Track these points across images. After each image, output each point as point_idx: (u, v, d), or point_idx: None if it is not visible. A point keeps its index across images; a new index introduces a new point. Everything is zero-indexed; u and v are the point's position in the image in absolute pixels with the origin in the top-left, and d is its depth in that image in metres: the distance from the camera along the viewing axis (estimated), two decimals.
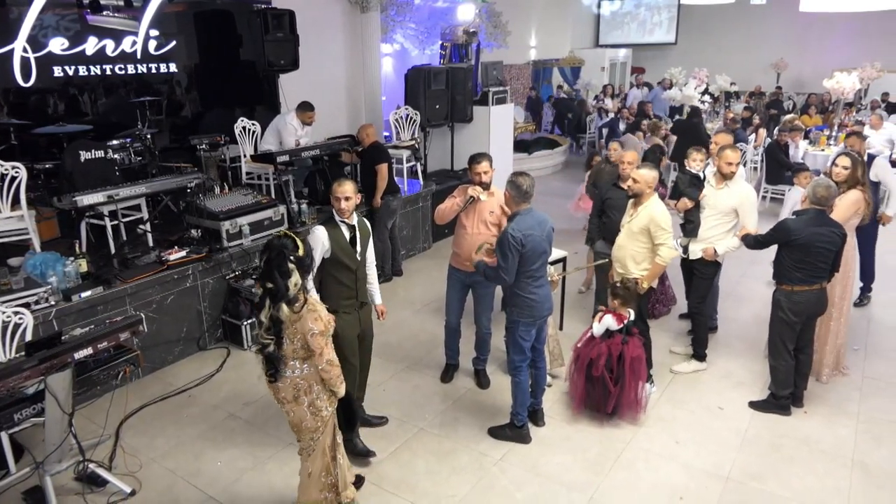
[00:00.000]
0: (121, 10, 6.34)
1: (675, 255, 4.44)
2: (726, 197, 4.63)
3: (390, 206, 6.48)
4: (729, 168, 4.61)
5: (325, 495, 3.23)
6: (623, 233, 4.50)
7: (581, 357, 4.23)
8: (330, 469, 3.21)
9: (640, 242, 4.37)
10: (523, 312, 3.84)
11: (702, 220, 4.76)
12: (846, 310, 4.71)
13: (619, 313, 4.15)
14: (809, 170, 6.55)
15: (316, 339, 2.91)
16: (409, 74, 8.17)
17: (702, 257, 4.73)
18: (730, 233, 4.69)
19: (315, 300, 3.02)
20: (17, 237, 4.92)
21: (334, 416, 3.18)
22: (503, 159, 8.88)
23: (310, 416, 3.07)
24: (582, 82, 15.35)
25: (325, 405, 3.09)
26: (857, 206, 4.50)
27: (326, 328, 2.95)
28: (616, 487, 3.68)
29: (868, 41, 15.07)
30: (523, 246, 3.64)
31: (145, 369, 4.87)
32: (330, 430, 3.18)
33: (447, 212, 4.43)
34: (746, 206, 4.59)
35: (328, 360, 2.97)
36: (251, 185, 6.55)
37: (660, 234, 4.24)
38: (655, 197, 4.36)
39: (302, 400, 3.05)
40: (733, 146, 4.88)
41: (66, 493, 3.62)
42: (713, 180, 4.77)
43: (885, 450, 3.98)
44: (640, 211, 4.35)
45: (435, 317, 5.82)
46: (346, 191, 3.65)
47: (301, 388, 3.03)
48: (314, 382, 3.03)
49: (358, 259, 3.78)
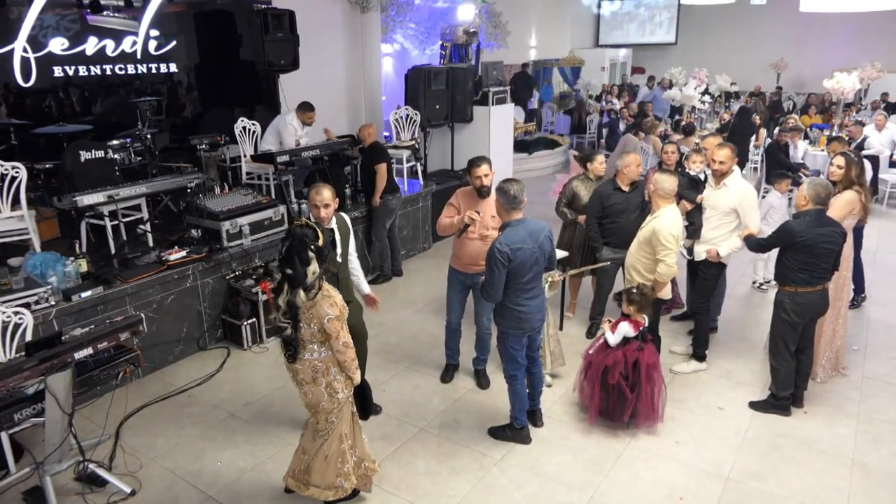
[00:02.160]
0: (121, 10, 6.34)
1: (674, 274, 4.33)
2: (725, 197, 4.62)
3: (389, 205, 6.48)
4: (720, 166, 4.61)
5: (339, 482, 3.27)
6: (634, 240, 4.49)
7: (595, 365, 4.13)
8: (346, 457, 3.27)
9: (645, 253, 4.34)
10: (512, 324, 3.77)
11: (704, 222, 4.75)
12: (843, 310, 4.71)
13: (634, 319, 4.08)
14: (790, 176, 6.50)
15: (332, 323, 3.01)
16: (409, 74, 8.18)
17: (706, 258, 4.72)
18: (733, 233, 4.67)
19: (329, 286, 3.10)
20: (17, 237, 4.92)
21: (351, 402, 3.28)
22: (503, 159, 8.90)
23: (327, 397, 3.17)
24: (582, 82, 15.35)
25: (342, 387, 3.19)
26: (852, 207, 4.50)
27: (342, 313, 3.06)
28: (616, 487, 3.68)
29: (868, 41, 15.08)
30: (510, 260, 3.55)
31: (145, 369, 4.87)
32: (347, 416, 3.27)
33: (448, 229, 4.48)
34: (745, 206, 4.57)
35: (344, 342, 3.07)
36: (251, 185, 6.55)
37: (660, 249, 4.18)
38: (669, 209, 4.25)
39: (320, 381, 3.15)
40: (725, 144, 4.85)
41: (66, 493, 3.61)
42: (712, 181, 4.77)
43: (885, 450, 3.98)
44: (648, 221, 4.31)
45: (435, 317, 5.82)
46: (325, 198, 3.65)
47: (319, 370, 3.13)
48: (331, 364, 3.14)
49: (339, 261, 3.83)
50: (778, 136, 9.21)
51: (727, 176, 4.65)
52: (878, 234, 8.08)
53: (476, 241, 4.34)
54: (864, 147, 8.87)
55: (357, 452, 3.36)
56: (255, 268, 5.52)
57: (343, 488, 3.30)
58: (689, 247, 4.90)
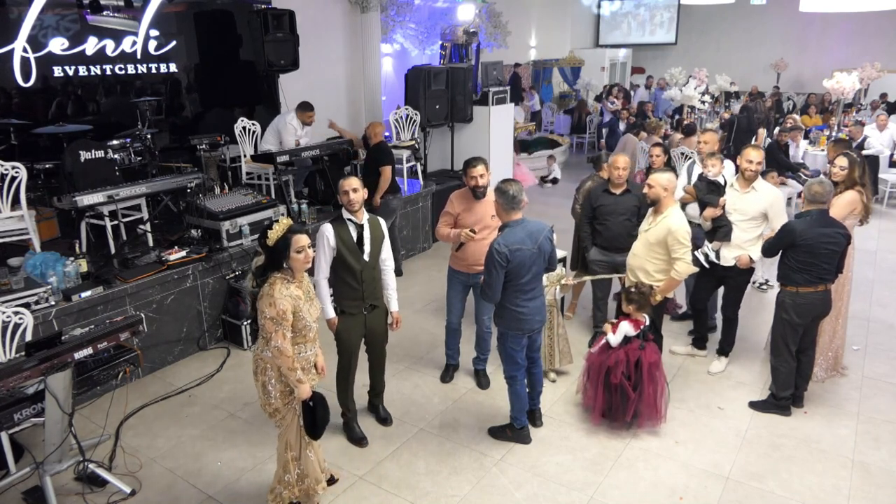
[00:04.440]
0: (121, 10, 6.34)
1: (692, 272, 4.24)
2: (755, 201, 4.50)
3: (390, 205, 6.48)
4: (755, 167, 4.47)
5: (279, 489, 3.29)
6: (639, 241, 4.35)
7: (597, 366, 4.12)
8: (289, 467, 3.24)
9: (656, 254, 4.21)
10: (511, 325, 3.76)
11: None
12: (843, 310, 4.70)
13: (635, 319, 4.07)
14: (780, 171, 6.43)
15: (266, 322, 2.97)
16: (409, 74, 8.18)
17: (735, 265, 4.61)
18: (760, 238, 4.52)
19: (278, 289, 2.97)
20: (17, 237, 4.92)
21: (297, 413, 3.15)
22: (503, 159, 8.89)
23: (262, 397, 3.15)
24: (582, 82, 15.35)
25: (276, 394, 3.11)
26: (854, 207, 4.46)
27: (279, 317, 2.94)
28: (616, 487, 3.68)
29: (867, 41, 15.08)
30: (508, 261, 3.54)
31: (145, 369, 4.88)
32: (293, 426, 3.19)
33: (446, 240, 4.51)
34: (776, 209, 4.46)
35: (276, 346, 2.97)
36: (251, 185, 6.55)
37: (677, 247, 4.08)
38: (676, 207, 4.20)
39: (258, 378, 3.14)
40: (754, 145, 4.74)
41: (66, 493, 3.61)
42: (737, 184, 4.62)
43: (885, 450, 3.98)
44: (658, 221, 4.18)
45: (435, 317, 5.82)
46: (352, 183, 3.70)
47: (259, 367, 3.13)
48: (269, 367, 3.09)
49: (364, 259, 3.75)
50: (778, 136, 9.22)
51: (756, 179, 4.53)
52: (878, 234, 8.08)
53: (478, 241, 4.33)
54: (864, 147, 8.88)
55: (301, 466, 3.25)
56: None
57: (282, 497, 3.28)
58: (716, 249, 4.70)
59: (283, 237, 2.99)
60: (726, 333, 4.95)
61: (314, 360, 3.25)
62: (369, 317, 3.87)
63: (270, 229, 3.00)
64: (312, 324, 3.12)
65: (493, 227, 4.33)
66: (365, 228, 3.76)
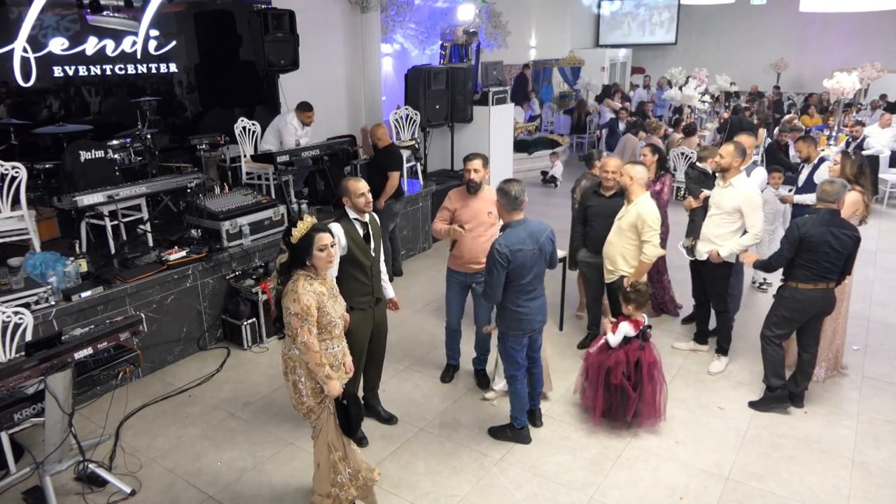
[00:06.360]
0: (121, 10, 6.33)
1: (660, 254, 4.49)
2: (730, 196, 4.58)
3: (393, 208, 6.48)
4: (720, 160, 4.60)
5: (334, 492, 3.24)
6: (613, 230, 4.55)
7: (596, 367, 4.12)
8: (339, 468, 3.21)
9: (629, 239, 4.43)
10: (512, 325, 3.78)
11: (707, 220, 4.72)
12: (843, 310, 4.70)
13: (634, 319, 4.07)
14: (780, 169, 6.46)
15: (291, 318, 2.98)
16: (409, 74, 8.18)
17: (708, 259, 4.71)
18: (735, 234, 4.61)
19: (301, 285, 3.00)
20: (17, 237, 4.92)
21: (332, 413, 3.15)
22: (503, 159, 8.90)
23: (294, 396, 3.14)
24: (582, 82, 15.35)
25: (308, 392, 3.10)
26: (856, 207, 4.50)
27: (304, 312, 2.97)
28: (616, 487, 3.68)
29: (867, 41, 15.09)
30: (510, 262, 3.56)
31: (145, 369, 4.87)
32: (332, 425, 3.18)
33: (439, 236, 4.54)
34: (749, 207, 4.51)
35: (303, 342, 2.98)
36: (251, 185, 6.55)
37: (646, 230, 4.32)
38: (646, 195, 4.43)
39: (288, 377, 3.14)
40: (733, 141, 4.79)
41: (66, 493, 3.61)
42: (720, 179, 4.72)
43: (885, 450, 3.98)
44: (629, 208, 4.42)
45: (435, 317, 5.82)
46: (363, 185, 3.77)
47: (288, 366, 3.13)
48: (298, 365, 3.09)
49: (372, 255, 3.85)
50: (778, 136, 9.21)
51: (731, 173, 4.58)
52: (878, 234, 8.09)
53: (474, 238, 4.34)
54: (863, 147, 8.88)
55: (351, 465, 3.25)
56: (255, 268, 5.52)
57: (338, 498, 3.25)
58: (688, 246, 4.87)
59: (306, 235, 3.03)
60: (720, 329, 5.01)
61: (342, 359, 3.22)
62: (376, 310, 3.97)
63: (294, 227, 3.03)
64: (338, 320, 3.14)
65: (488, 224, 4.36)
66: (369, 226, 3.86)
